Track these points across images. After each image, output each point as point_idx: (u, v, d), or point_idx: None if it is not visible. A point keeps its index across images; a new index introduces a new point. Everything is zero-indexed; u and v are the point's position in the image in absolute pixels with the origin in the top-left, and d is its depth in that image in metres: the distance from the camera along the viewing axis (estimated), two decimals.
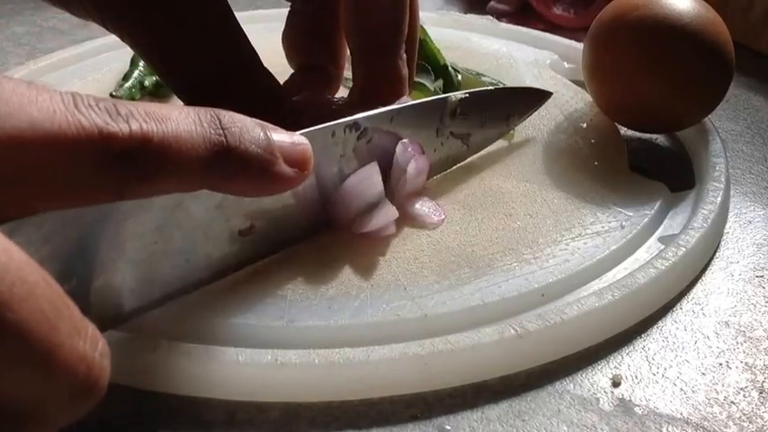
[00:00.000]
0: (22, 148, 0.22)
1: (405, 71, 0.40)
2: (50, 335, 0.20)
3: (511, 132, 0.47)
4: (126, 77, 0.51)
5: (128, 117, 0.25)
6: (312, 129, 0.34)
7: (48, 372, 0.20)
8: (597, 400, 0.31)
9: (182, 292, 0.32)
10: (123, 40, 0.35)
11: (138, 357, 0.31)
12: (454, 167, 0.44)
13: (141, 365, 0.31)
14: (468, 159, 0.44)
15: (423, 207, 0.39)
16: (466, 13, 0.71)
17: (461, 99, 0.41)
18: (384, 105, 0.38)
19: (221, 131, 0.28)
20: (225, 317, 0.33)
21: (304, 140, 0.31)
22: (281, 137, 0.30)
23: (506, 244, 0.38)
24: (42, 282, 0.20)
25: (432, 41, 0.53)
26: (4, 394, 0.20)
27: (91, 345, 0.21)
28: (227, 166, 0.28)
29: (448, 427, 0.30)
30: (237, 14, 0.37)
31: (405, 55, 0.40)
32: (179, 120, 0.26)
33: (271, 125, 0.30)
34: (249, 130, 0.29)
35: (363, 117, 0.37)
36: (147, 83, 0.51)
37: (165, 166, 0.26)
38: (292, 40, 0.43)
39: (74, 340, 0.21)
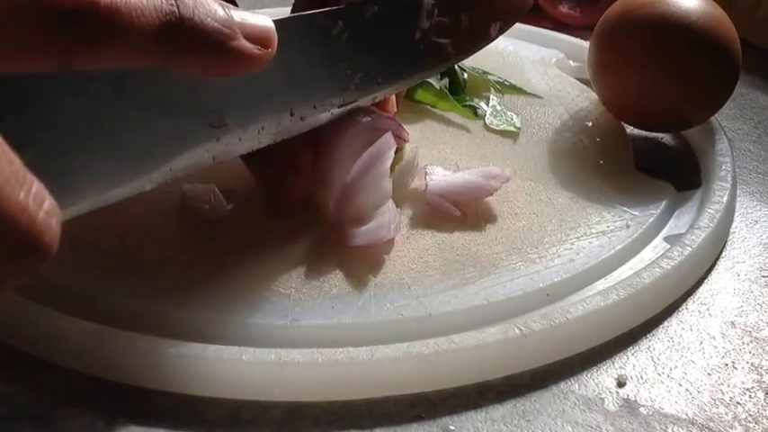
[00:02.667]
0: None
1: None
2: None
3: (516, 130, 0.47)
4: None
5: None
6: (285, 17, 0.33)
7: None
8: (602, 400, 0.31)
9: (152, 182, 0.30)
10: None
11: (142, 356, 0.31)
12: (452, 155, 0.43)
13: (145, 364, 0.31)
14: (469, 154, 0.44)
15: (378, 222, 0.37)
16: None
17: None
18: None
19: (174, 1, 0.26)
20: (228, 316, 0.32)
21: (267, 19, 0.30)
22: (241, 14, 0.29)
23: (511, 243, 0.37)
24: None
25: None
26: None
27: (35, 199, 0.20)
28: (180, 39, 0.27)
29: (452, 427, 0.30)
30: None
31: None
32: None
33: (231, 5, 0.29)
34: (205, 3, 0.27)
35: (339, 10, 0.36)
36: None
37: (111, 33, 0.25)
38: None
39: (14, 189, 0.20)
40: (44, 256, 0.21)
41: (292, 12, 0.43)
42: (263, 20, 0.30)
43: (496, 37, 0.44)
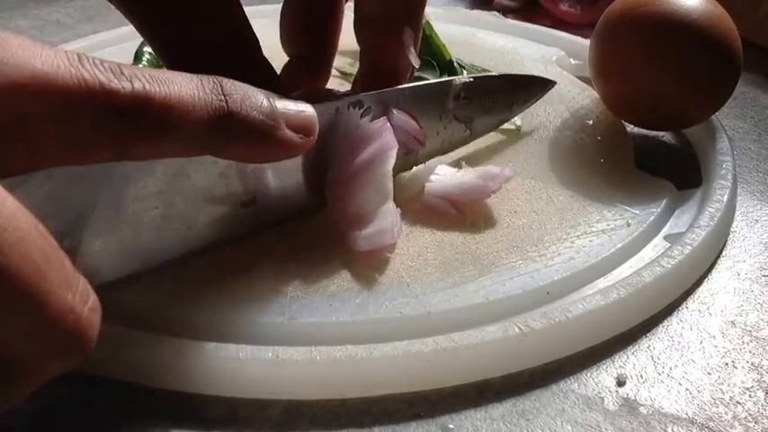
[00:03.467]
0: (22, 98, 0.23)
1: (409, 62, 0.40)
2: (39, 283, 0.20)
3: (516, 129, 0.47)
4: None
5: (131, 77, 0.25)
6: (316, 105, 0.34)
7: (36, 320, 0.21)
8: (602, 399, 0.31)
9: (182, 260, 0.32)
10: (126, 16, 0.35)
11: (140, 354, 0.30)
12: (454, 154, 0.44)
13: (142, 362, 0.30)
14: (472, 152, 0.44)
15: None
16: (472, 8, 0.71)
17: (465, 83, 0.41)
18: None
19: (223, 97, 0.28)
20: (226, 313, 0.32)
21: (309, 107, 0.32)
22: (284, 104, 0.31)
23: (511, 241, 0.37)
24: (35, 231, 0.21)
25: (438, 37, 0.52)
26: None
27: (81, 298, 0.22)
28: (228, 131, 0.28)
29: (451, 426, 0.30)
30: (246, 9, 0.37)
31: (413, 49, 0.40)
32: (182, 83, 0.27)
33: (275, 94, 0.31)
34: (251, 96, 0.29)
35: (367, 96, 0.37)
36: None
37: (165, 127, 0.26)
38: (284, 27, 0.43)
39: (63, 291, 0.21)
40: (86, 351, 0.22)
41: (284, 2, 0.43)
42: (304, 108, 0.32)
43: (520, 112, 0.46)
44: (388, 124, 0.37)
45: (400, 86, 0.39)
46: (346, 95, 0.38)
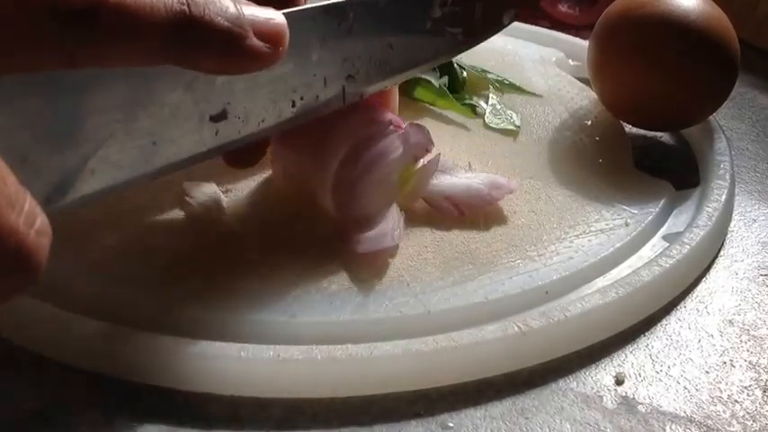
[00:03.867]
0: None
1: None
2: None
3: (516, 128, 0.47)
4: None
5: None
6: (290, 10, 0.32)
7: None
8: (600, 397, 0.31)
9: (149, 177, 0.30)
10: None
11: (141, 353, 0.31)
12: (464, 155, 0.43)
13: (143, 361, 0.31)
14: (470, 152, 0.44)
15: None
16: None
17: None
18: None
19: (185, 0, 0.26)
20: (227, 312, 0.32)
21: (279, 15, 0.29)
22: (252, 11, 0.28)
23: (510, 241, 0.38)
24: None
25: None
26: None
27: (26, 219, 0.20)
28: (190, 38, 0.26)
29: (451, 424, 0.30)
30: None
31: None
32: None
33: (243, 0, 0.29)
34: (216, 1, 0.27)
35: (346, 2, 0.35)
36: None
37: (119, 30, 0.24)
38: None
39: (4, 211, 0.20)
40: (32, 277, 0.21)
41: None
42: (274, 15, 0.29)
43: (509, 24, 0.43)
44: (395, 127, 0.37)
45: None
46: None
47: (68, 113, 0.26)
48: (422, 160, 0.38)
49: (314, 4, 0.34)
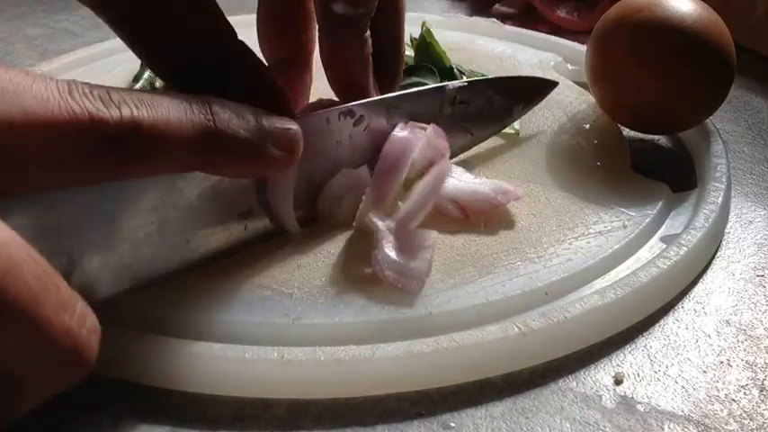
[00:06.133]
0: (11, 134, 0.23)
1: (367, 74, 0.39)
2: (35, 308, 0.21)
3: (515, 133, 0.47)
4: (136, 78, 0.52)
5: (119, 103, 0.26)
6: (306, 115, 0.34)
7: (34, 344, 0.21)
8: (600, 397, 0.31)
9: (185, 272, 0.33)
10: (123, 41, 0.34)
11: (145, 355, 0.31)
12: (462, 155, 0.44)
13: (148, 363, 0.31)
14: (471, 156, 0.45)
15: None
16: (471, 15, 0.72)
17: (460, 87, 0.41)
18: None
19: (210, 116, 0.29)
20: (231, 315, 0.33)
21: (294, 125, 0.32)
22: (271, 121, 0.31)
23: (510, 243, 0.38)
24: (28, 257, 0.21)
25: (438, 44, 0.53)
26: None
27: (78, 320, 0.22)
28: (214, 149, 0.29)
29: (452, 424, 0.30)
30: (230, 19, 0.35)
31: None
32: (170, 106, 0.27)
33: (264, 111, 0.31)
34: (239, 115, 0.30)
35: (358, 104, 0.37)
36: (157, 84, 0.51)
37: (153, 150, 0.27)
38: (260, 31, 0.42)
39: (60, 314, 0.21)
40: (84, 370, 0.23)
41: (258, 6, 0.42)
42: (291, 125, 0.32)
43: (521, 115, 0.46)
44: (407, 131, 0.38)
45: (395, 93, 0.39)
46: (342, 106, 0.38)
47: (106, 219, 0.29)
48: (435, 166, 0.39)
49: (331, 108, 0.37)
